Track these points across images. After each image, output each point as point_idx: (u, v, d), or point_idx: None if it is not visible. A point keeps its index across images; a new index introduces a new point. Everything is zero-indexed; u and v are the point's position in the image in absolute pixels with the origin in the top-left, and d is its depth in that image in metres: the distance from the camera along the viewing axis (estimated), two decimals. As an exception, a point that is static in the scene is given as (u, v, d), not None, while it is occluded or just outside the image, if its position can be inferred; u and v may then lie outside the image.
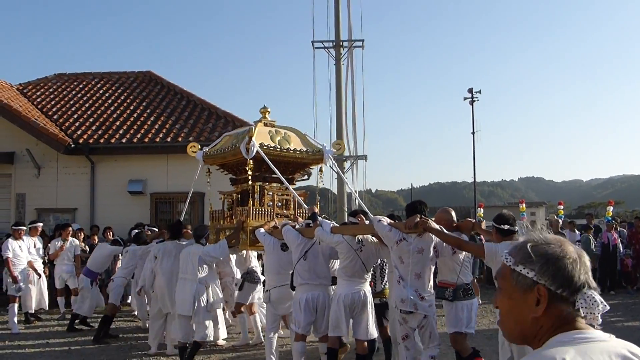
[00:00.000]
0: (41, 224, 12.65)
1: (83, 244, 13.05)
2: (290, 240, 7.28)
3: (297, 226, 7.58)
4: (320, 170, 9.31)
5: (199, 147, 9.55)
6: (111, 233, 13.60)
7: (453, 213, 6.62)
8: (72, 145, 15.72)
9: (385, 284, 7.55)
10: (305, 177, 26.31)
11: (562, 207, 26.90)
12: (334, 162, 9.23)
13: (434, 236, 6.06)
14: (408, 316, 6.06)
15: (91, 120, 17.36)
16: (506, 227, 5.72)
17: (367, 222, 7.37)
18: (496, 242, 5.70)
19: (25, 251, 11.51)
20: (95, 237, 13.10)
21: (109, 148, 16.01)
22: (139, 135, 16.17)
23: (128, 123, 17.05)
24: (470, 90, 35.22)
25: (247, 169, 8.39)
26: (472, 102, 35.04)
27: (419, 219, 5.87)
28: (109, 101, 18.84)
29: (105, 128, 16.72)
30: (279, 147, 8.64)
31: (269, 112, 9.18)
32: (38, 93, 19.62)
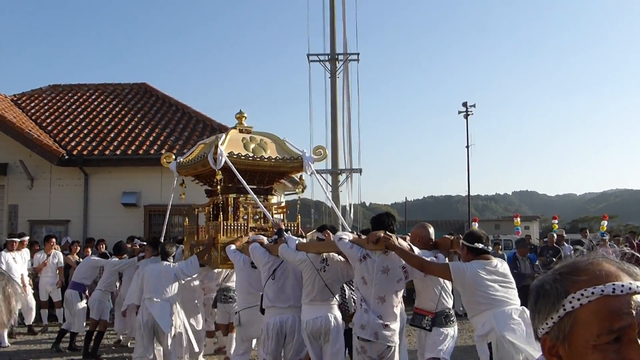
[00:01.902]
0: (27, 238, 12.49)
1: (77, 257, 12.93)
2: (257, 258, 6.62)
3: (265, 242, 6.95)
4: (300, 178, 8.77)
5: (174, 157, 8.93)
6: (104, 246, 13.47)
7: (431, 229, 5.97)
8: (66, 157, 15.63)
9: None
10: (299, 188, 26.33)
11: (556, 221, 26.99)
12: (313, 170, 8.45)
13: None
14: (367, 345, 5.28)
15: (85, 131, 17.29)
16: (480, 245, 5.14)
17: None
18: (466, 261, 5.18)
19: (19, 263, 11.42)
20: (89, 250, 12.97)
21: (103, 160, 15.93)
22: (133, 147, 16.10)
23: (122, 135, 16.98)
24: (464, 104, 35.32)
25: (214, 180, 7.79)
26: (466, 116, 35.13)
27: (382, 234, 5.19)
28: (104, 113, 18.78)
29: (100, 140, 16.64)
30: (252, 155, 7.98)
31: (245, 118, 8.60)
32: (32, 104, 19.54)
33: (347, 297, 6.62)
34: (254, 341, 7.39)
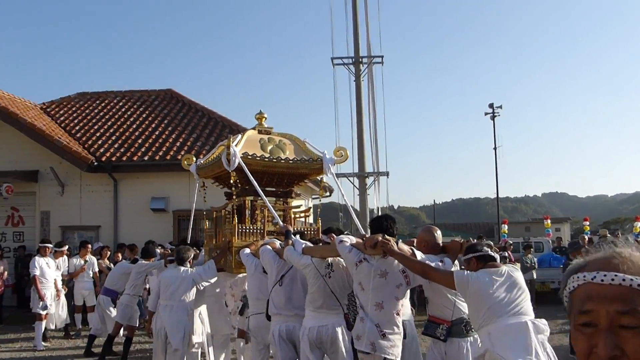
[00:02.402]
0: (66, 247, 12.67)
1: (108, 262, 13.07)
2: (266, 262, 6.37)
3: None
4: (321, 181, 8.54)
5: (194, 159, 8.79)
6: (136, 251, 13.55)
7: (437, 233, 5.49)
8: (95, 163, 15.81)
9: None
10: (327, 193, 26.33)
11: (587, 222, 26.59)
12: (333, 172, 8.04)
13: None
14: (365, 357, 4.91)
15: (113, 138, 17.48)
16: (485, 249, 4.84)
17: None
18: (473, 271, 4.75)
19: (52, 268, 11.59)
20: (119, 255, 13.10)
21: (131, 166, 16.08)
22: (160, 153, 16.23)
23: (150, 141, 17.13)
24: (491, 106, 35.03)
25: (230, 182, 7.56)
26: (493, 117, 34.83)
27: (380, 238, 4.81)
28: (131, 119, 18.97)
29: (128, 146, 16.81)
30: (267, 156, 7.67)
31: (265, 118, 8.31)
32: (61, 112, 19.82)
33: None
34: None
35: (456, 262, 5.34)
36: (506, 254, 17.04)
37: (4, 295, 13.91)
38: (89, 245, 12.80)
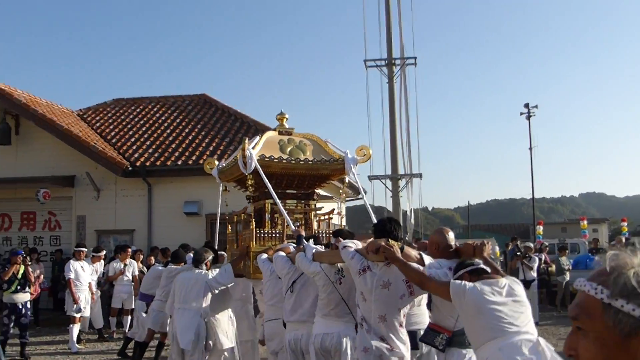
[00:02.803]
0: (103, 252, 12.89)
1: (141, 265, 13.25)
2: (279, 267, 6.18)
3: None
4: (343, 183, 8.13)
5: (216, 163, 8.57)
6: (169, 254, 13.69)
7: (450, 235, 5.00)
8: (130, 168, 16.03)
9: None
10: (358, 195, 26.24)
11: (625, 223, 26.12)
12: (354, 172, 7.63)
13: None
14: None
15: (148, 143, 17.70)
16: (475, 261, 4.41)
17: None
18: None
19: (87, 272, 11.81)
20: (152, 259, 13.26)
21: (165, 170, 16.27)
22: (194, 157, 16.39)
23: (183, 145, 17.31)
24: (526, 105, 34.63)
25: (248, 185, 7.37)
26: (528, 117, 34.42)
27: (383, 243, 4.50)
28: (165, 124, 19.19)
29: (162, 151, 17.01)
30: (286, 157, 7.42)
31: (287, 119, 8.09)
32: (97, 118, 20.15)
33: None
34: None
35: None
36: (542, 256, 16.87)
37: (40, 299, 14.19)
38: (129, 249, 12.98)
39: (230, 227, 8.48)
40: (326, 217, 8.27)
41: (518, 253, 14.40)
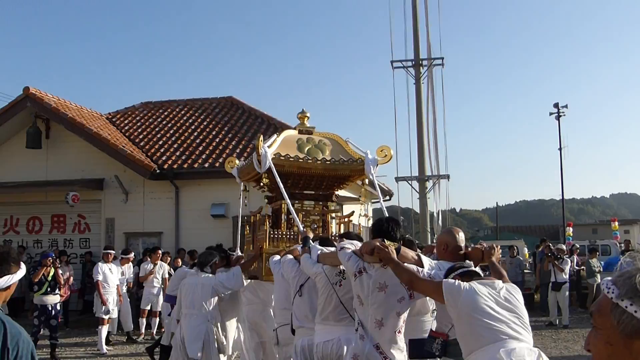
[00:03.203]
0: (132, 255, 13.00)
1: (168, 267, 13.34)
2: (287, 270, 5.99)
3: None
4: (363, 183, 7.83)
5: (237, 162, 8.37)
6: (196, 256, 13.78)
7: (460, 235, 4.63)
8: (157, 171, 16.15)
9: None
10: (387, 197, 26.19)
11: (658, 224, 25.64)
12: (373, 173, 7.34)
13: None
14: None
15: (175, 146, 17.82)
16: (466, 264, 4.17)
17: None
18: None
19: (115, 274, 11.92)
20: (179, 261, 13.35)
21: (192, 173, 16.36)
22: (220, 160, 16.44)
23: (210, 148, 17.40)
24: (556, 105, 34.20)
25: (262, 184, 7.15)
26: (558, 117, 33.99)
27: (378, 243, 4.28)
28: (192, 127, 19.30)
29: (189, 153, 17.11)
30: (302, 157, 7.14)
31: (308, 118, 7.79)
32: (126, 121, 20.35)
33: None
34: None
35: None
36: (574, 258, 16.64)
37: (70, 300, 14.36)
38: (159, 251, 13.08)
39: (248, 228, 8.28)
40: (346, 219, 8.06)
41: (550, 254, 14.19)
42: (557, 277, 13.85)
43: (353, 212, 7.81)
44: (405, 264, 4.26)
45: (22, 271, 3.14)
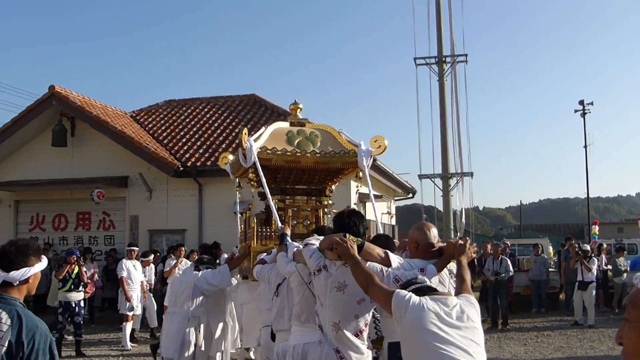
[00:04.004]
0: (151, 257, 13.06)
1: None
2: (263, 271, 5.76)
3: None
4: (358, 177, 7.37)
5: (230, 158, 8.02)
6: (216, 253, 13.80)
7: (433, 231, 4.24)
8: (181, 169, 16.23)
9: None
10: (410, 195, 26.11)
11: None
12: (365, 165, 6.94)
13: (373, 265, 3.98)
14: None
15: (198, 143, 17.90)
16: (420, 279, 3.64)
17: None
18: None
19: (139, 271, 12.01)
20: (195, 256, 13.38)
21: (216, 170, 16.34)
22: (244, 157, 16.47)
23: (234, 145, 17.42)
24: (581, 103, 33.83)
25: (249, 179, 6.93)
26: (583, 115, 33.62)
27: (337, 239, 3.97)
28: (215, 124, 19.36)
29: (212, 151, 17.17)
30: (290, 150, 6.79)
31: (300, 109, 7.46)
32: (149, 119, 20.48)
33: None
34: None
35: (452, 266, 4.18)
36: (602, 257, 16.41)
37: (94, 297, 14.49)
38: (183, 248, 13.13)
39: (241, 226, 8.02)
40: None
41: (579, 252, 14.00)
42: (585, 277, 13.66)
43: (348, 206, 7.32)
44: (370, 263, 3.94)
45: (41, 264, 3.15)
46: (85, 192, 16.29)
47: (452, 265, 4.13)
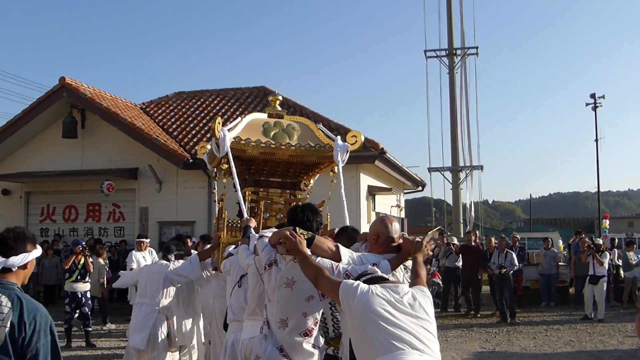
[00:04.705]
0: (148, 240, 13.03)
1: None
2: (227, 263, 5.74)
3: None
4: (333, 171, 7.19)
5: (208, 147, 7.68)
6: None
7: (395, 225, 4.12)
8: (191, 161, 16.24)
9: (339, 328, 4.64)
10: (420, 188, 26.06)
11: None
12: (339, 159, 6.77)
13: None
14: None
15: (208, 135, 17.90)
16: (372, 270, 3.59)
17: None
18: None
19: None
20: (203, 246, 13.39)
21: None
22: (253, 150, 16.48)
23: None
24: (592, 96, 33.60)
25: (222, 169, 6.85)
26: (594, 108, 33.40)
27: (287, 233, 3.88)
28: (225, 116, 19.35)
29: (222, 143, 17.13)
30: (264, 141, 6.68)
31: (279, 100, 7.39)
32: (159, 111, 20.49)
33: (325, 315, 4.66)
34: None
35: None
36: (614, 251, 16.32)
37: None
38: (189, 239, 13.13)
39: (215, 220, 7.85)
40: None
41: (592, 246, 13.91)
42: (596, 270, 13.59)
43: (323, 201, 7.16)
44: (320, 259, 3.86)
45: (37, 251, 3.21)
46: (95, 183, 16.36)
47: (409, 262, 4.00)
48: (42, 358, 2.88)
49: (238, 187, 6.64)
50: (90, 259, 11.70)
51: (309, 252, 3.84)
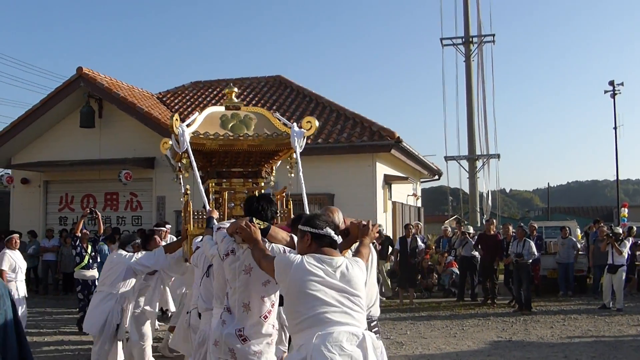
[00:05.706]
0: (169, 226, 13.07)
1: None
2: (195, 254, 5.81)
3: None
4: (291, 158, 7.32)
5: (170, 142, 7.69)
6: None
7: (338, 215, 4.40)
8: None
9: None
10: (436, 177, 25.98)
11: None
12: (297, 146, 6.96)
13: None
14: None
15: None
16: (329, 232, 3.72)
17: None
18: (305, 253, 3.70)
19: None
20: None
21: (241, 151, 16.46)
22: (269, 139, 16.50)
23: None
24: (611, 83, 33.23)
25: (183, 164, 6.90)
26: (613, 96, 33.03)
27: (243, 223, 4.11)
28: (244, 103, 19.35)
29: (238, 132, 17.17)
30: (222, 134, 6.87)
31: (235, 92, 7.61)
32: (176, 101, 20.57)
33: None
34: None
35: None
36: (633, 240, 16.18)
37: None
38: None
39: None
40: (279, 195, 7.67)
41: (611, 235, 13.79)
42: (615, 260, 13.47)
43: (285, 187, 7.36)
44: (273, 245, 4.23)
45: None
46: (113, 173, 16.47)
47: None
48: (9, 319, 2.94)
49: (199, 180, 6.81)
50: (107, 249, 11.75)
51: (261, 240, 4.10)
